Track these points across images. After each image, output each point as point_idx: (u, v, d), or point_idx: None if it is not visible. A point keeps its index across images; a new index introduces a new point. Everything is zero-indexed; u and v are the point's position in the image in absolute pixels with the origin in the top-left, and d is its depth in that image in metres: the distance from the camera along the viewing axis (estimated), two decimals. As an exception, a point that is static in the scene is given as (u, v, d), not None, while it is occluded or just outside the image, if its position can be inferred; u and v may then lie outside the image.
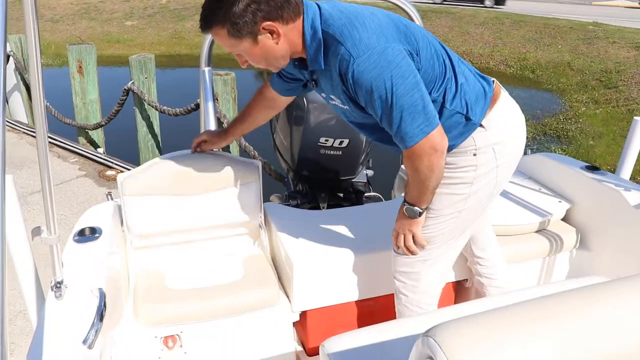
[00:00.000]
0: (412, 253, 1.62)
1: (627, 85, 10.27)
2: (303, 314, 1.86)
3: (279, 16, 1.35)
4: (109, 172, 5.23)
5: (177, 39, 15.44)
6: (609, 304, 0.79)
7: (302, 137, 2.30)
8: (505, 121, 1.58)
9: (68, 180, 5.00)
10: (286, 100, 1.86)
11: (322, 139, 2.27)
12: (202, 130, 2.34)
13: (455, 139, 1.51)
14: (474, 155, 1.52)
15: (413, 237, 1.60)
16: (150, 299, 1.72)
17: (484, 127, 1.52)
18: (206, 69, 2.33)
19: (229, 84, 4.73)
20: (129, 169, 5.19)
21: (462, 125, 1.50)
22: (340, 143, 2.27)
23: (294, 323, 1.88)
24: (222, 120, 4.53)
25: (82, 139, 6.27)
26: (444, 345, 0.71)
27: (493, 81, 1.61)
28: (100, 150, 6.18)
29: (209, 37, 2.31)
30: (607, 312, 0.78)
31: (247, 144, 4.42)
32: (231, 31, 1.35)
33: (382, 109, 1.36)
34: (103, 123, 5.98)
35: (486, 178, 1.56)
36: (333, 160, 2.34)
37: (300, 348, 1.95)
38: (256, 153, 4.31)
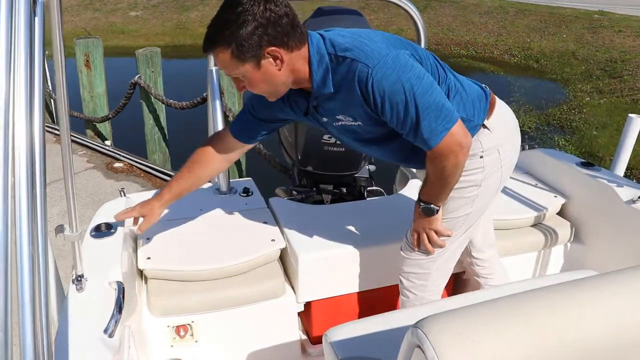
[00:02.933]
0: (440, 246, 1.66)
1: (632, 75, 10.24)
2: (308, 305, 1.95)
3: (284, 43, 1.37)
4: (117, 165, 5.33)
5: (181, 29, 15.45)
6: (588, 299, 0.87)
7: (306, 133, 2.37)
8: (505, 122, 1.65)
9: (77, 173, 5.10)
10: (240, 152, 1.78)
11: (326, 136, 2.34)
12: (210, 126, 2.39)
13: None
14: (481, 157, 1.58)
15: (435, 232, 1.64)
16: (162, 290, 1.81)
17: (488, 129, 1.59)
18: (214, 69, 2.39)
19: (235, 78, 4.80)
20: (136, 161, 5.28)
21: None
22: (343, 140, 2.35)
23: (299, 313, 1.97)
24: (227, 114, 4.61)
25: (89, 132, 6.38)
26: (431, 335, 0.79)
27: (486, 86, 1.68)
28: (108, 142, 6.28)
29: None
30: (585, 307, 0.86)
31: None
32: (235, 53, 1.36)
33: (404, 111, 1.39)
34: (110, 116, 6.08)
35: (492, 179, 1.63)
36: (336, 156, 2.42)
37: (305, 337, 2.04)
38: (261, 146, 4.40)
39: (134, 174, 5.17)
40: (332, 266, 1.91)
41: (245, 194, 2.25)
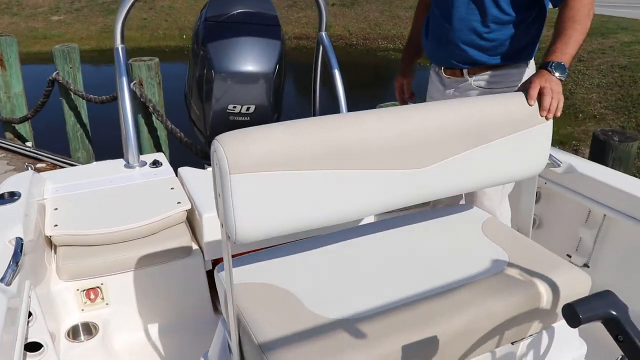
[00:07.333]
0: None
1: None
2: (216, 262, 2.05)
3: None
4: (39, 165, 5.20)
5: (107, 32, 15.06)
6: None
7: (212, 105, 2.46)
8: None
9: (-4, 175, 4.96)
10: None
11: (231, 106, 2.44)
12: (121, 111, 2.41)
13: None
14: None
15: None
16: (70, 254, 1.86)
17: None
18: (120, 46, 2.43)
19: (153, 69, 4.81)
20: (59, 160, 5.19)
21: None
22: (248, 109, 2.45)
23: (207, 271, 2.06)
24: (147, 104, 4.61)
25: (9, 134, 6.18)
26: (220, 139, 1.17)
27: None
28: (29, 143, 6.11)
29: (121, 16, 2.40)
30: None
31: (172, 126, 4.54)
32: None
33: None
34: (29, 116, 5.93)
35: None
36: (242, 126, 2.50)
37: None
38: (182, 134, 4.44)
39: (56, 172, 5.07)
40: None
41: (154, 166, 2.32)
